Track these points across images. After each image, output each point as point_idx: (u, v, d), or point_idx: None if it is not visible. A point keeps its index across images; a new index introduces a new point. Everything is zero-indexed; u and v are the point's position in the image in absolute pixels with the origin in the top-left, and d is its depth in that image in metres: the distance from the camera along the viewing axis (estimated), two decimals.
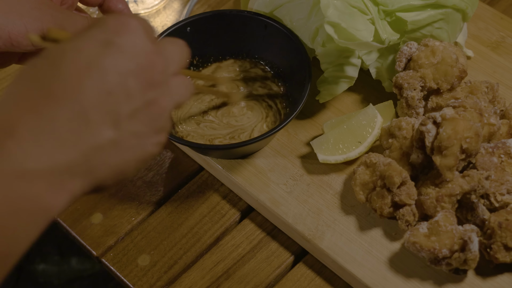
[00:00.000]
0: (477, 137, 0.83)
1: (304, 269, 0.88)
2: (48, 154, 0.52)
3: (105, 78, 0.54)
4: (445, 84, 0.90)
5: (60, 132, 0.53)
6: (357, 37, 0.87)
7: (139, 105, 0.56)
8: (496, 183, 0.82)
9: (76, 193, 0.54)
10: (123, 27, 0.57)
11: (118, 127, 0.55)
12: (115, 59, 0.55)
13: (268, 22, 0.95)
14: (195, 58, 0.98)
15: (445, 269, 0.81)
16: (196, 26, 0.96)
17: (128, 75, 0.56)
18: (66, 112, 0.53)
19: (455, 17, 0.93)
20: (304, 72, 0.91)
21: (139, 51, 0.57)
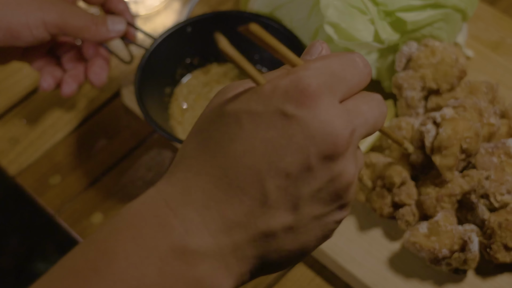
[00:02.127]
0: (477, 137, 0.83)
1: (304, 269, 0.88)
2: (214, 236, 0.48)
3: (284, 158, 0.48)
4: (444, 84, 0.90)
5: (229, 214, 0.48)
6: (357, 37, 0.87)
7: (321, 184, 0.49)
8: (496, 183, 0.82)
9: (243, 277, 0.50)
10: (302, 94, 0.48)
11: (297, 211, 0.49)
12: (296, 136, 0.48)
13: (268, 23, 0.95)
14: (196, 58, 0.98)
15: (445, 269, 0.81)
16: (197, 27, 0.96)
17: (310, 154, 0.48)
18: (240, 195, 0.48)
19: (455, 17, 0.93)
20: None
21: (323, 125, 0.48)
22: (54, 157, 0.98)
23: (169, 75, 0.96)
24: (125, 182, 0.96)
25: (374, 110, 0.52)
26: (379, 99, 0.53)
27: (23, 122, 1.01)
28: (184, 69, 0.98)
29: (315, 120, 0.48)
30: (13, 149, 0.98)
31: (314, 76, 0.49)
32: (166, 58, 0.95)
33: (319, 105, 0.48)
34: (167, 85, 0.97)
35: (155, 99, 0.93)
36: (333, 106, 0.49)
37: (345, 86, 0.50)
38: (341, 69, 0.50)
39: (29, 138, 0.99)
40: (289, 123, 0.48)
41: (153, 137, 0.99)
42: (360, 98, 0.52)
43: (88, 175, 0.96)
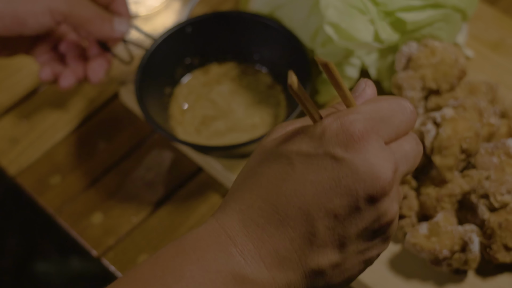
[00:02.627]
0: (476, 137, 0.83)
1: None
2: (269, 269, 0.51)
3: (333, 200, 0.51)
4: (444, 84, 0.90)
5: (282, 250, 0.51)
6: (356, 37, 0.87)
7: (367, 223, 0.52)
8: (496, 183, 0.82)
9: None
10: (351, 138, 0.51)
11: (343, 249, 0.52)
12: (345, 178, 0.51)
13: (268, 24, 0.95)
14: (196, 58, 0.98)
15: (446, 270, 0.81)
16: (197, 27, 0.96)
17: (358, 196, 0.51)
18: (291, 233, 0.51)
19: (454, 18, 0.93)
20: (304, 73, 0.91)
21: (370, 168, 0.51)
22: (54, 157, 0.98)
23: (169, 75, 0.96)
24: (125, 182, 0.96)
25: (414, 149, 0.55)
26: (416, 138, 0.56)
27: (23, 122, 1.01)
28: (184, 69, 0.97)
29: (362, 163, 0.50)
30: (13, 149, 0.98)
31: (364, 120, 0.51)
32: (166, 59, 0.94)
33: (366, 149, 0.50)
34: (167, 85, 0.96)
35: (155, 99, 0.92)
36: (380, 150, 0.51)
37: (392, 131, 0.53)
38: (390, 115, 0.53)
39: (29, 138, 0.99)
40: (338, 166, 0.50)
41: (153, 137, 0.99)
42: (403, 140, 0.54)
43: (88, 175, 0.96)
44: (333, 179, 0.51)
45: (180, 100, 0.96)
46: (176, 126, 0.94)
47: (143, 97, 0.88)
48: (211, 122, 0.94)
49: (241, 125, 0.94)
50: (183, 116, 0.95)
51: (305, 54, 0.92)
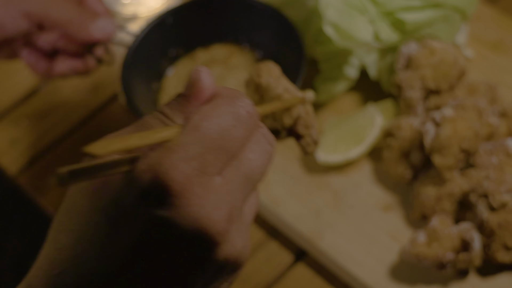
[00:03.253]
0: (476, 137, 0.83)
1: (303, 268, 0.88)
2: None
3: (168, 264, 0.45)
4: (444, 84, 0.90)
5: None
6: (356, 37, 0.87)
7: (211, 276, 0.47)
8: (495, 183, 0.82)
9: None
10: (167, 192, 0.43)
11: None
12: (171, 244, 0.45)
13: (252, 3, 0.90)
14: (181, 48, 0.93)
15: (450, 272, 0.81)
16: (178, 16, 0.91)
17: (189, 257, 0.45)
18: None
19: (454, 18, 0.93)
20: (298, 54, 0.85)
21: (194, 223, 0.44)
22: (55, 157, 0.98)
23: (154, 70, 0.92)
24: None
25: (260, 157, 0.47)
26: (263, 135, 0.48)
27: (23, 122, 1.01)
28: (169, 61, 0.93)
29: (186, 222, 0.43)
30: (14, 149, 0.98)
31: (184, 164, 0.43)
32: (149, 53, 0.90)
33: (189, 202, 0.43)
34: (154, 80, 0.92)
35: (144, 96, 0.89)
36: (206, 198, 0.43)
37: (226, 156, 0.45)
38: (219, 137, 0.45)
39: (29, 139, 0.99)
40: (158, 229, 0.43)
41: None
42: (244, 149, 0.47)
43: None
44: (157, 242, 0.43)
45: (170, 93, 0.92)
46: None
47: (132, 97, 0.85)
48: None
49: None
50: None
51: (297, 34, 0.87)
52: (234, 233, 0.46)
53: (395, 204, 0.89)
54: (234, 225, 0.46)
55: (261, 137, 0.48)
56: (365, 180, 0.91)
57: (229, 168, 0.45)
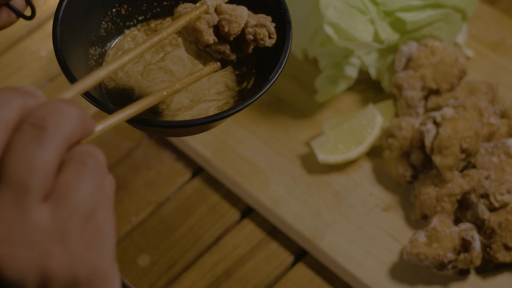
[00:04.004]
0: (476, 137, 0.83)
1: (303, 269, 0.88)
2: None
3: None
4: (444, 84, 0.90)
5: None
6: (356, 37, 0.87)
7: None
8: (496, 183, 0.82)
9: None
10: None
11: None
12: None
13: None
14: (123, 7, 0.75)
15: (451, 272, 0.81)
16: None
17: None
18: None
19: (454, 17, 0.93)
20: (281, 19, 0.68)
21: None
22: None
23: (94, 32, 0.73)
24: (125, 182, 0.96)
25: (88, 192, 0.42)
26: (90, 159, 0.42)
27: None
28: (113, 23, 0.75)
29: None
30: None
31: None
32: (86, 8, 0.72)
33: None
34: (92, 45, 0.74)
35: (82, 65, 0.71)
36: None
37: (41, 179, 0.40)
38: (21, 168, 0.39)
39: None
40: None
41: (153, 136, 0.99)
42: (66, 182, 0.41)
43: None
44: None
45: (119, 71, 0.75)
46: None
47: (69, 64, 0.67)
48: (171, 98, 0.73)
49: (206, 95, 0.73)
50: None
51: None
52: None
53: (395, 204, 0.89)
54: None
55: (86, 160, 0.43)
56: (365, 180, 0.91)
57: (49, 206, 0.40)
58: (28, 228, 0.39)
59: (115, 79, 0.72)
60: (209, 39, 0.62)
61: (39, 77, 1.03)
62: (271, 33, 0.63)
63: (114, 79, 0.72)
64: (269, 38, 0.63)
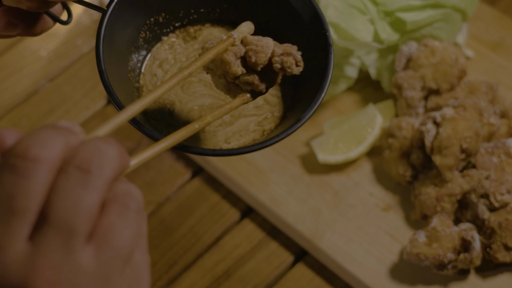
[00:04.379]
0: (476, 137, 0.83)
1: (303, 268, 0.88)
2: None
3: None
4: (444, 84, 0.90)
5: None
6: (356, 37, 0.87)
7: None
8: (496, 183, 0.82)
9: None
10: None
11: None
12: None
13: None
14: (161, 15, 0.73)
15: (451, 272, 0.81)
16: None
17: None
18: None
19: (454, 17, 0.93)
20: (320, 42, 0.67)
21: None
22: None
23: (131, 42, 0.72)
24: None
25: (131, 228, 0.42)
26: (129, 200, 0.43)
27: (23, 122, 1.00)
28: (149, 31, 0.73)
29: None
30: None
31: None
32: (126, 20, 0.70)
33: None
34: (131, 56, 0.73)
35: (123, 79, 0.71)
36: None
37: (83, 229, 0.40)
38: (68, 210, 0.40)
39: None
40: None
41: None
42: (109, 225, 0.42)
43: None
44: None
45: (155, 82, 0.74)
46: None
47: (111, 82, 0.66)
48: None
49: (245, 110, 0.72)
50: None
51: (318, 13, 0.68)
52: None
53: (395, 204, 0.89)
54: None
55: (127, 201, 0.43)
56: (365, 180, 0.91)
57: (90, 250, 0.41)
58: (73, 270, 0.40)
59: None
60: (237, 70, 0.62)
61: (39, 77, 1.03)
62: (298, 61, 0.62)
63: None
64: (296, 66, 0.63)
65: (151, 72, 0.73)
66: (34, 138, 0.41)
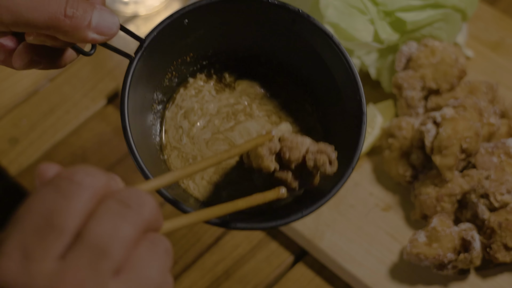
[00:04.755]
0: (476, 137, 0.83)
1: (303, 268, 0.88)
2: None
3: None
4: (444, 84, 0.90)
5: None
6: (356, 37, 0.87)
7: None
8: (496, 183, 0.82)
9: None
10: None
11: None
12: None
13: (297, 15, 0.66)
14: (189, 55, 0.70)
15: (451, 272, 0.81)
16: (196, 17, 0.67)
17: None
18: None
19: (454, 17, 0.93)
20: (353, 97, 0.65)
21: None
22: (54, 157, 0.98)
23: (156, 86, 0.70)
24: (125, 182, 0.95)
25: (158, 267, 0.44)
26: (162, 248, 0.45)
27: (23, 122, 1.01)
28: (176, 71, 0.71)
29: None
30: (13, 149, 0.98)
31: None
32: (154, 65, 0.67)
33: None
34: (156, 99, 0.70)
35: (142, 124, 0.68)
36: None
37: (110, 262, 0.42)
38: (104, 234, 0.42)
39: (29, 138, 0.99)
40: None
41: None
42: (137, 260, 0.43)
43: None
44: None
45: (184, 137, 0.71)
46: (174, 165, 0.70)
47: (131, 125, 0.63)
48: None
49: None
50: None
51: (351, 67, 0.65)
52: None
53: (395, 204, 0.89)
54: None
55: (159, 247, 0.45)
56: (365, 180, 0.91)
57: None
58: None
59: (179, 146, 0.70)
60: (270, 165, 0.62)
61: (39, 77, 1.03)
62: (332, 160, 0.61)
63: (178, 147, 0.70)
64: (330, 165, 0.61)
65: (175, 124, 0.71)
66: (80, 169, 0.43)
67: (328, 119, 0.70)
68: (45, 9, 0.58)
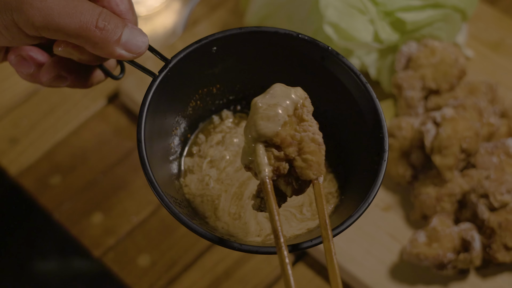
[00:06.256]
0: (476, 137, 0.83)
1: (303, 268, 0.88)
2: None
3: None
4: (444, 84, 0.90)
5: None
6: (356, 37, 0.87)
7: None
8: (495, 183, 0.82)
9: None
10: None
11: None
12: None
13: (326, 52, 0.66)
14: (216, 86, 0.69)
15: (451, 272, 0.81)
16: (225, 46, 0.66)
17: None
18: None
19: (454, 18, 0.93)
20: (375, 144, 0.64)
21: None
22: (54, 157, 0.98)
23: (177, 112, 0.69)
24: (125, 182, 0.96)
25: None
26: None
27: (23, 122, 1.01)
28: (200, 101, 0.70)
29: None
30: (13, 149, 0.98)
31: None
32: (178, 88, 0.67)
33: None
34: (176, 124, 0.69)
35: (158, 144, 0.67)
36: None
37: None
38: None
39: (29, 138, 0.99)
40: None
41: None
42: None
43: (88, 175, 0.96)
44: None
45: (211, 181, 0.70)
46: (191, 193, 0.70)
47: (148, 154, 0.62)
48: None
49: (288, 206, 0.67)
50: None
51: (376, 106, 0.65)
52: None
53: (395, 204, 0.89)
54: None
55: None
56: None
57: None
58: None
59: (202, 194, 0.68)
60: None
61: None
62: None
63: (201, 194, 0.68)
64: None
65: (202, 172, 0.69)
66: None
67: (346, 153, 0.68)
68: (78, 17, 0.58)
